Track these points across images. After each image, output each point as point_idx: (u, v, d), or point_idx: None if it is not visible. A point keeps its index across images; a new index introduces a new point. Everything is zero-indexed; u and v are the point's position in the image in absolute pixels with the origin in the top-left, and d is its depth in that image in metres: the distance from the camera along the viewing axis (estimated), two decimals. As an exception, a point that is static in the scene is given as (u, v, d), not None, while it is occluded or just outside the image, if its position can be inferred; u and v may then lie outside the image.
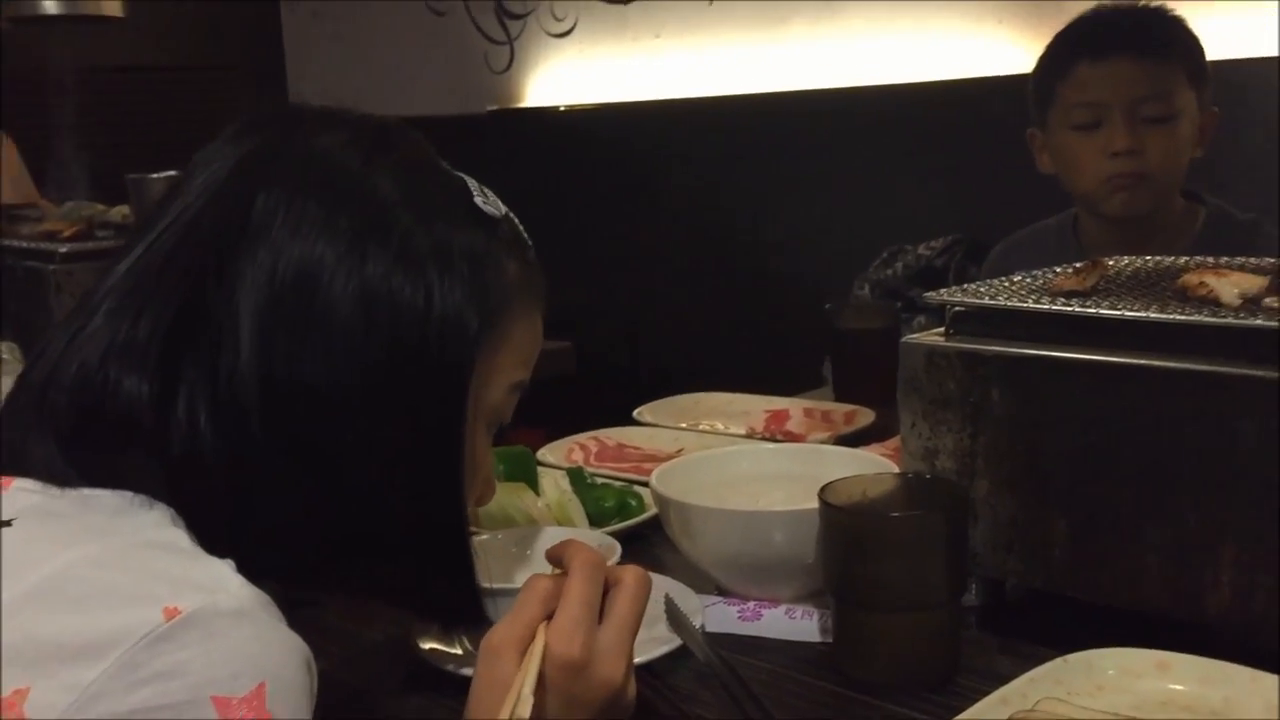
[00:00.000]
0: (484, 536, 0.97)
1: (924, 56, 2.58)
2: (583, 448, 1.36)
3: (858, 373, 1.57)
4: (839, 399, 1.59)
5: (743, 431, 1.41)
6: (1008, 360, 0.86)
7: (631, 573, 0.74)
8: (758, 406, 1.50)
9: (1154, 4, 1.71)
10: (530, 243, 0.82)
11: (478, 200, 0.75)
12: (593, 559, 0.73)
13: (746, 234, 2.82)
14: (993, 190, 2.32)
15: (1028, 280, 0.98)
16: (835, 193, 2.65)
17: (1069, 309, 0.84)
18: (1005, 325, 0.88)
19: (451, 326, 0.70)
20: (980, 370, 0.87)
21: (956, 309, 0.91)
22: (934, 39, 2.57)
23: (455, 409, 0.71)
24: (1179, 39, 1.67)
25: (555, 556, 0.76)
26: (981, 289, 0.94)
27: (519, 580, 0.76)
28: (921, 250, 2.30)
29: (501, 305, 0.74)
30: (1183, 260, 1.06)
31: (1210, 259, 1.04)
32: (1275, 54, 2.12)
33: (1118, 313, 0.82)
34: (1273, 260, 1.02)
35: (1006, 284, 0.96)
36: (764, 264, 2.79)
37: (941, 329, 0.93)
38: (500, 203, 0.78)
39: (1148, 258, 1.08)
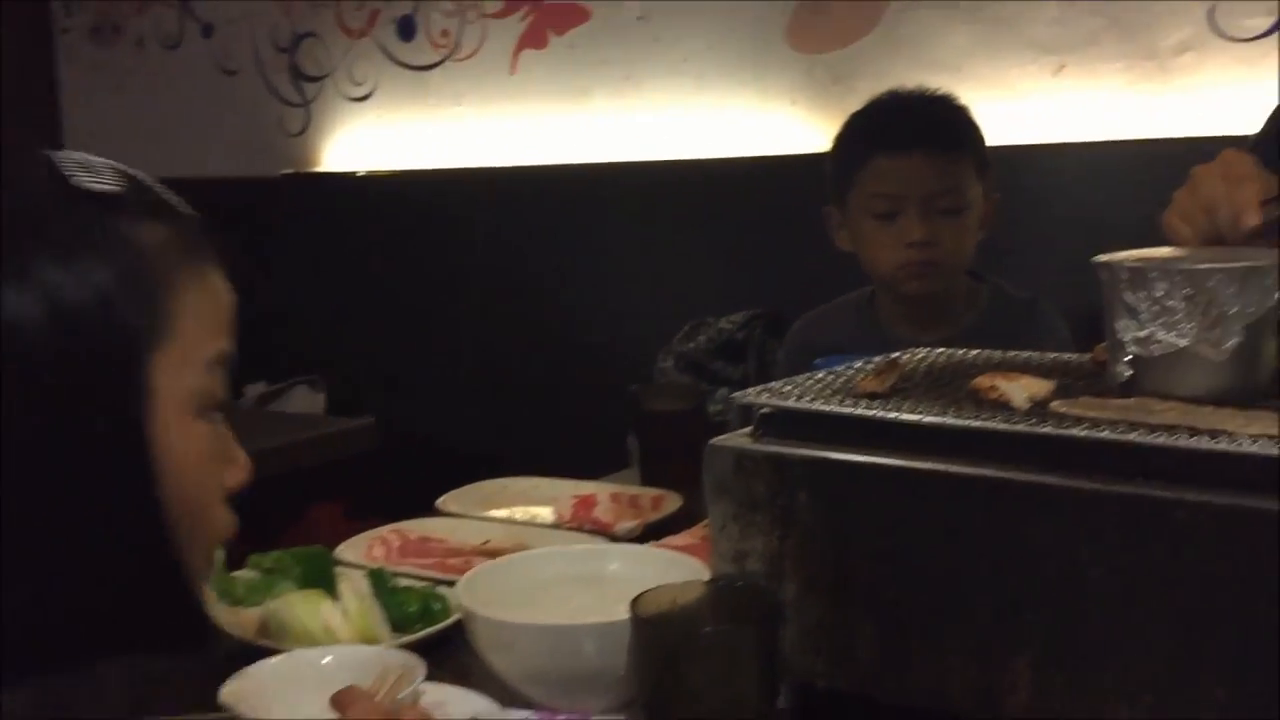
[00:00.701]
0: (276, 659, 0.91)
1: (723, 132, 2.64)
2: (384, 542, 1.30)
3: (663, 454, 1.58)
4: (645, 481, 1.59)
5: (550, 520, 1.39)
6: (813, 464, 0.86)
7: None
8: (565, 491, 1.48)
9: (940, 92, 1.80)
10: (178, 201, 0.72)
11: (81, 179, 0.67)
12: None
13: (551, 306, 2.81)
14: (791, 265, 2.39)
15: (833, 378, 0.99)
16: (639, 265, 2.67)
17: (870, 413, 0.86)
18: (811, 428, 0.89)
19: (89, 324, 0.62)
20: (787, 474, 0.87)
21: (764, 410, 0.91)
22: (732, 116, 2.63)
23: (126, 410, 0.64)
24: (967, 132, 1.76)
25: (339, 704, 0.71)
26: (788, 388, 0.95)
27: (308, 708, 0.71)
28: (723, 324, 2.34)
29: (150, 279, 0.66)
30: (972, 354, 1.09)
31: (999, 353, 1.08)
32: (1050, 140, 2.26)
33: (916, 418, 0.84)
34: (1055, 355, 1.07)
35: (813, 383, 0.97)
36: (569, 336, 2.78)
37: (749, 429, 0.93)
38: (118, 174, 0.69)
39: (941, 350, 1.11)
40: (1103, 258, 0.90)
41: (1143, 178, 2.12)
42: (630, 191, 2.69)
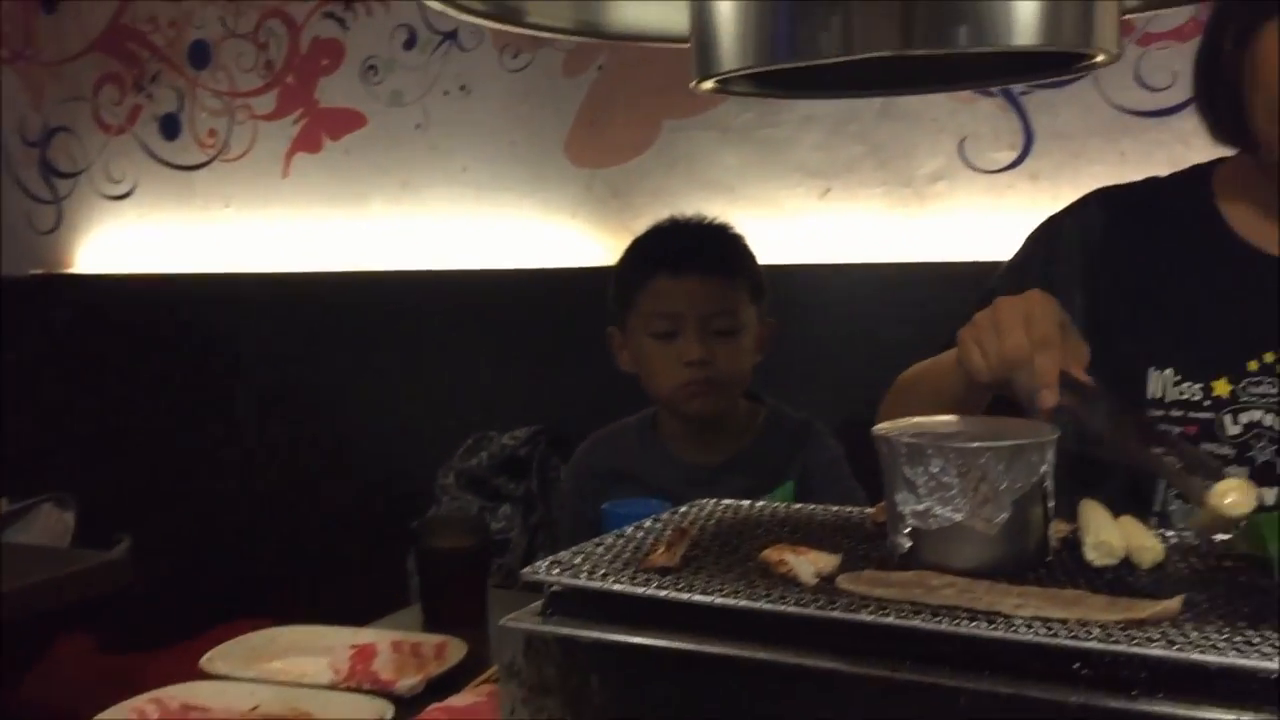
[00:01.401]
0: None
1: (504, 244, 2.64)
2: (140, 714, 1.20)
3: (447, 594, 1.53)
4: (428, 620, 1.53)
5: (326, 678, 1.31)
6: (604, 647, 0.84)
7: None
8: (341, 641, 1.40)
9: (717, 221, 1.86)
10: None
11: None
12: None
13: (324, 423, 2.72)
14: (574, 380, 2.39)
15: (623, 544, 0.98)
16: (419, 379, 2.62)
17: (661, 594, 0.85)
18: (602, 606, 0.87)
19: None
20: (578, 657, 0.85)
21: (554, 589, 0.89)
22: (513, 227, 2.64)
23: None
24: (742, 258, 1.82)
25: None
26: (578, 560, 0.93)
27: None
28: (505, 439, 2.31)
29: None
30: (759, 508, 1.10)
31: (784, 507, 1.09)
32: (819, 260, 2.36)
33: (707, 599, 0.83)
34: (838, 511, 1.09)
35: (603, 552, 0.95)
36: (343, 454, 2.69)
37: (539, 606, 0.90)
38: None
39: (728, 505, 1.12)
40: (880, 430, 0.92)
41: (903, 299, 2.25)
42: (410, 302, 2.65)
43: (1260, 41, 1.26)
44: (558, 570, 0.91)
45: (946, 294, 2.18)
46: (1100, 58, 0.78)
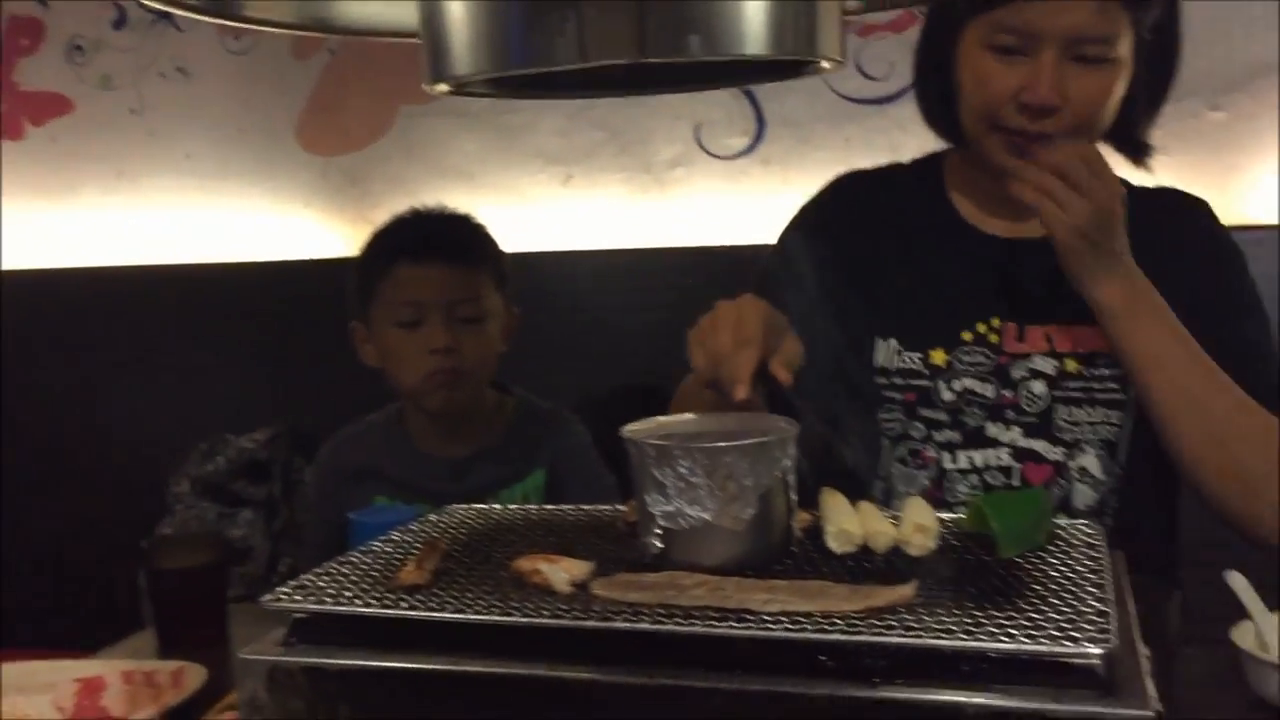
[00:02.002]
0: None
1: (233, 235, 2.51)
2: None
3: (182, 616, 1.44)
4: (163, 646, 1.44)
5: (50, 718, 1.21)
6: (354, 674, 0.81)
7: None
8: (66, 675, 1.29)
9: (461, 211, 1.82)
10: None
11: None
12: None
13: (38, 430, 2.51)
14: (315, 378, 2.30)
15: (370, 560, 0.94)
16: (143, 381, 2.45)
17: (413, 614, 0.82)
18: (350, 631, 0.83)
19: None
20: (326, 686, 0.82)
21: (297, 615, 0.85)
22: (243, 218, 2.51)
23: None
24: (485, 246, 1.79)
25: None
26: (323, 581, 0.89)
27: None
28: (243, 442, 2.21)
29: None
30: (511, 511, 1.09)
31: (534, 509, 1.09)
32: (563, 248, 2.36)
33: (460, 617, 0.81)
34: (590, 509, 1.09)
35: (349, 571, 0.91)
36: (64, 462, 2.50)
37: (282, 634, 0.86)
38: None
39: (478, 509, 1.10)
40: (629, 431, 0.92)
41: (647, 284, 2.28)
42: (130, 299, 2.48)
43: (962, 45, 1.35)
44: (301, 595, 0.87)
45: (688, 278, 2.24)
46: (825, 64, 0.80)
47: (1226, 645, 1.13)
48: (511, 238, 2.28)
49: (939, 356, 1.40)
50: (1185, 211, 1.46)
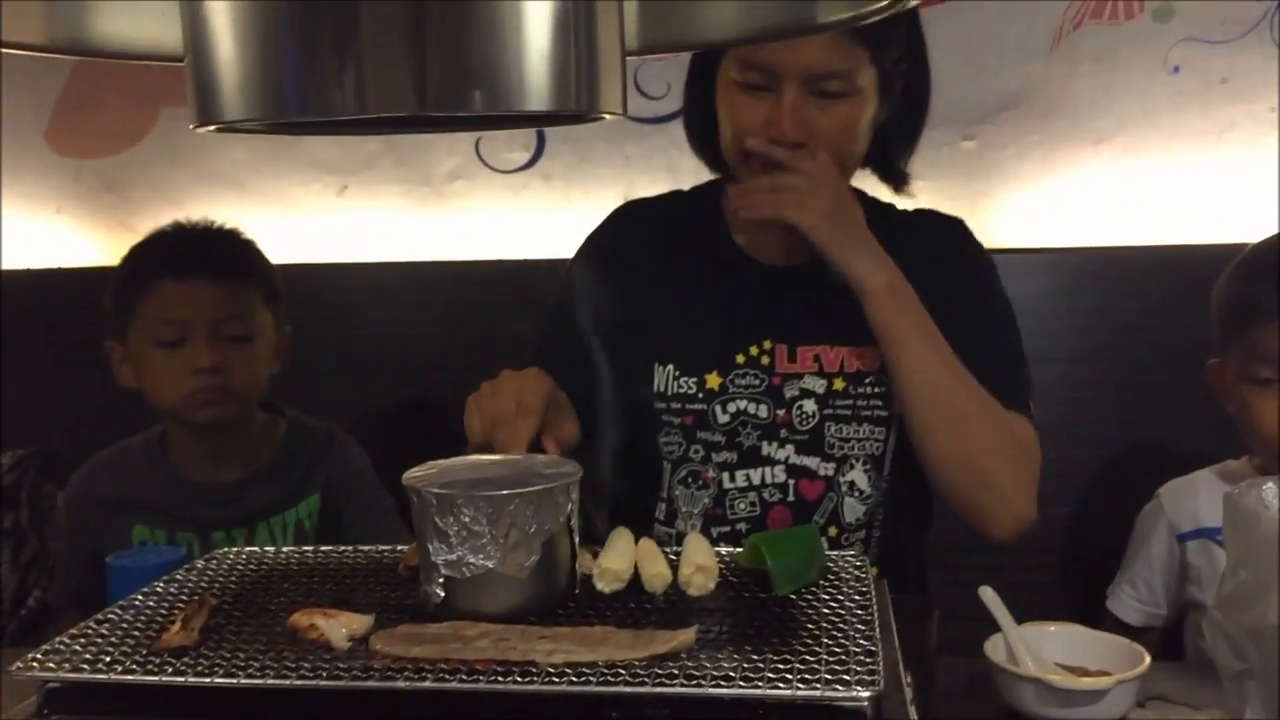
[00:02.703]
0: None
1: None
2: None
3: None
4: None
5: None
6: (115, 747, 0.77)
7: None
8: None
9: (228, 226, 1.74)
10: None
11: None
12: None
13: None
14: (66, 398, 2.16)
15: (132, 618, 0.89)
16: None
17: (180, 680, 0.78)
18: (111, 700, 0.79)
19: None
20: (85, 760, 0.77)
21: (51, 685, 0.79)
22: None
23: None
24: (254, 263, 1.72)
25: None
26: (79, 645, 0.84)
27: None
28: (-14, 466, 2.05)
29: None
30: (284, 554, 1.05)
31: (310, 551, 1.05)
32: (338, 259, 2.29)
33: (231, 681, 0.78)
34: (368, 550, 1.06)
35: (111, 634, 0.86)
36: None
37: (34, 704, 0.80)
38: None
39: (249, 553, 1.06)
40: (410, 478, 0.91)
41: (426, 297, 2.24)
42: None
43: (719, 81, 1.40)
44: (55, 661, 0.81)
45: (468, 292, 2.22)
46: (607, 117, 0.81)
47: (979, 656, 1.20)
48: (284, 248, 2.21)
49: (714, 380, 1.44)
50: (942, 228, 1.55)
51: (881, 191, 1.56)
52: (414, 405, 2.20)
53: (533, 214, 2.28)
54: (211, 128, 0.76)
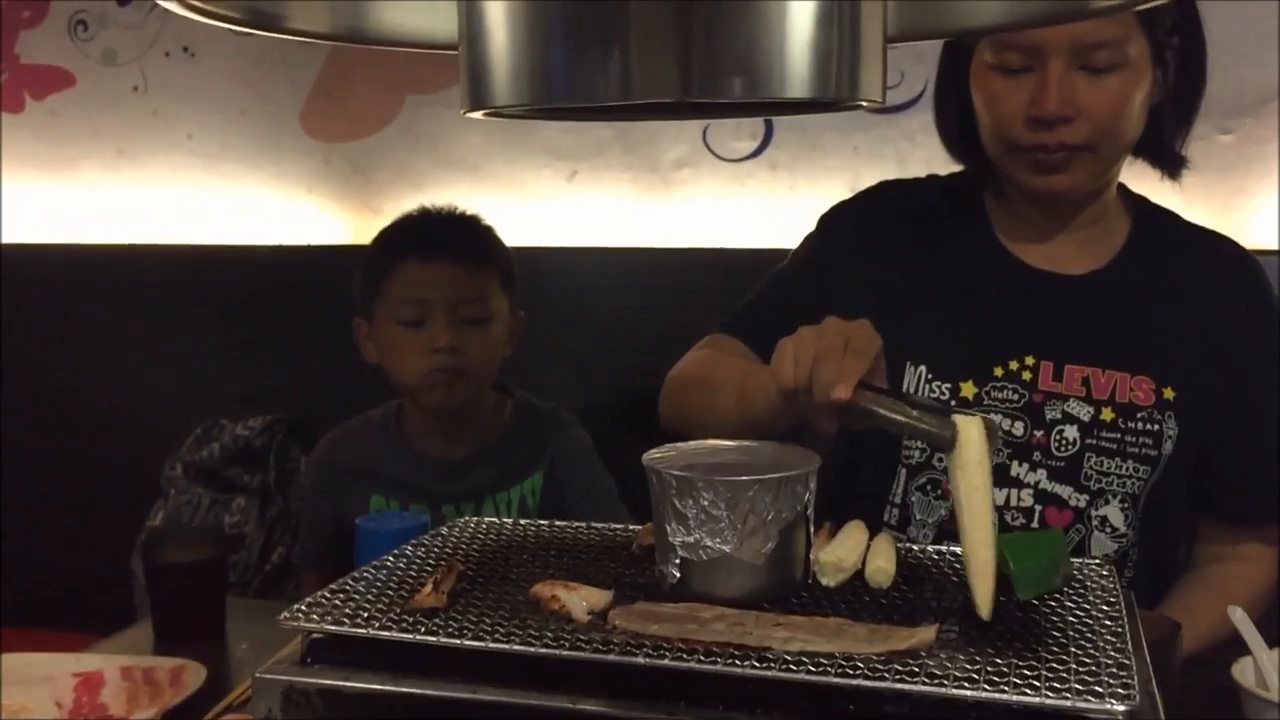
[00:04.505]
0: None
1: (234, 218, 2.49)
2: None
3: (181, 611, 1.43)
4: (160, 640, 1.44)
5: (50, 714, 1.20)
6: (372, 698, 0.81)
7: None
8: (64, 668, 1.29)
9: (468, 212, 1.81)
10: None
11: None
12: None
13: (31, 408, 2.50)
14: (312, 367, 2.29)
15: (385, 577, 0.94)
16: (140, 362, 2.44)
17: (432, 639, 0.82)
18: (368, 653, 0.83)
19: None
20: (342, 708, 0.81)
21: (315, 635, 0.84)
22: (245, 201, 2.49)
23: None
24: (493, 247, 1.77)
25: None
26: (339, 600, 0.89)
27: None
28: (239, 429, 2.20)
29: None
30: (531, 530, 1.09)
31: (548, 524, 1.08)
32: (565, 244, 2.35)
33: (480, 644, 0.81)
34: (603, 528, 1.08)
35: (367, 591, 0.91)
36: (58, 442, 2.48)
37: (298, 652, 0.86)
38: None
39: (489, 521, 1.10)
40: (651, 459, 0.92)
41: (649, 283, 2.27)
42: (129, 278, 2.46)
43: (974, 69, 1.34)
44: (317, 614, 0.86)
45: (691, 280, 2.24)
46: (865, 105, 0.80)
47: (1225, 677, 1.14)
48: (514, 232, 2.28)
49: (969, 389, 1.36)
50: (1243, 267, 1.44)
51: (1148, 183, 1.46)
52: (636, 389, 2.23)
53: (758, 203, 2.29)
54: (481, 113, 0.79)
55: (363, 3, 0.95)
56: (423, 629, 0.83)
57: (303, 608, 0.87)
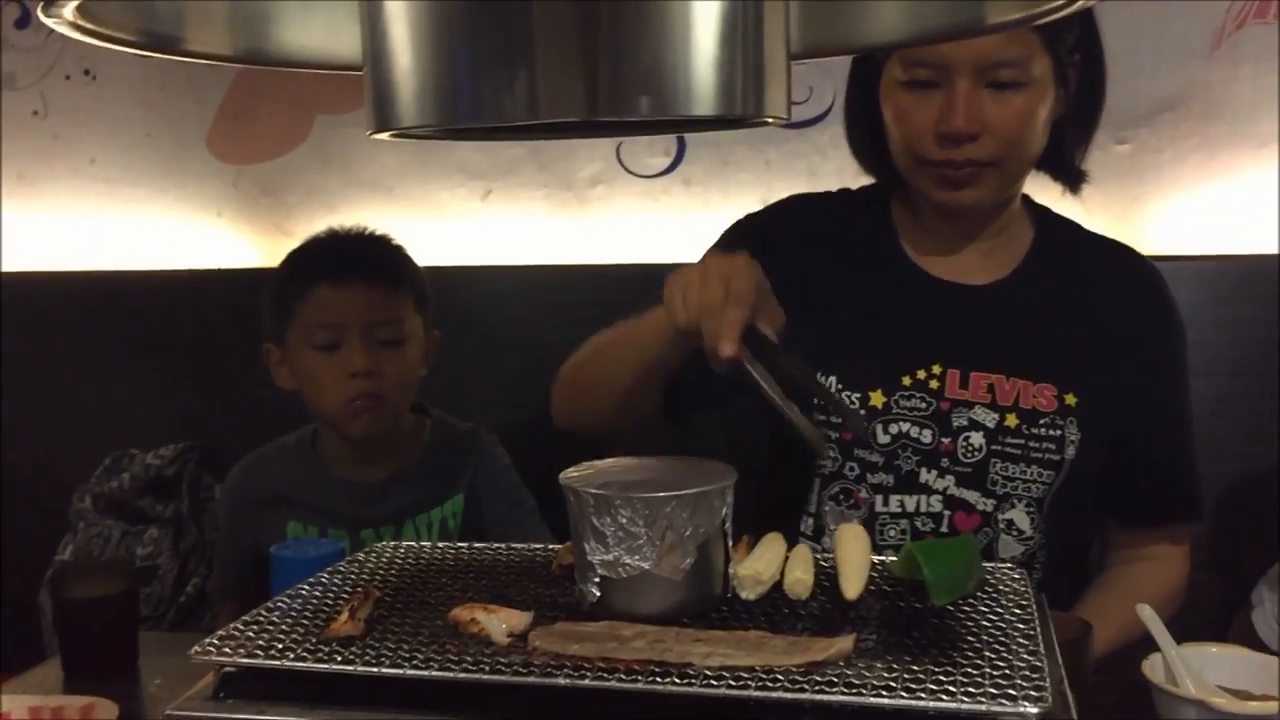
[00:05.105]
0: None
1: (140, 243, 2.44)
2: None
3: (91, 647, 1.39)
4: (70, 679, 1.39)
5: (-49, 761, 1.16)
6: (287, 731, 0.80)
7: None
8: (-33, 712, 1.25)
9: (380, 232, 1.78)
10: None
11: None
12: None
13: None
14: (225, 393, 2.25)
15: (300, 606, 0.92)
16: (45, 392, 2.37)
17: (348, 669, 0.81)
18: (283, 686, 0.82)
19: None
20: (259, 743, 0.80)
21: (227, 669, 0.83)
22: (150, 225, 2.44)
23: None
24: (406, 268, 1.76)
25: None
26: (252, 632, 0.87)
27: None
28: (150, 458, 2.14)
29: None
30: (440, 549, 1.08)
31: (466, 546, 1.07)
32: (482, 263, 2.33)
33: (398, 671, 0.80)
34: (522, 548, 1.08)
35: (281, 621, 0.89)
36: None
37: (210, 687, 0.84)
38: None
39: (407, 548, 1.08)
40: (569, 478, 0.92)
41: (566, 300, 2.26)
42: (31, 306, 2.39)
43: (883, 84, 1.37)
44: (230, 646, 0.85)
45: (607, 296, 2.23)
46: (771, 121, 0.81)
47: (1137, 675, 1.17)
48: (429, 252, 2.26)
49: (878, 398, 1.38)
50: (1143, 274, 1.48)
51: (1051, 195, 1.50)
52: (554, 407, 2.23)
53: (672, 218, 2.29)
54: (387, 134, 0.79)
55: (264, 24, 0.94)
56: (339, 658, 0.82)
57: (214, 641, 0.85)
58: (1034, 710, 0.71)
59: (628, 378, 1.37)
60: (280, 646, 0.84)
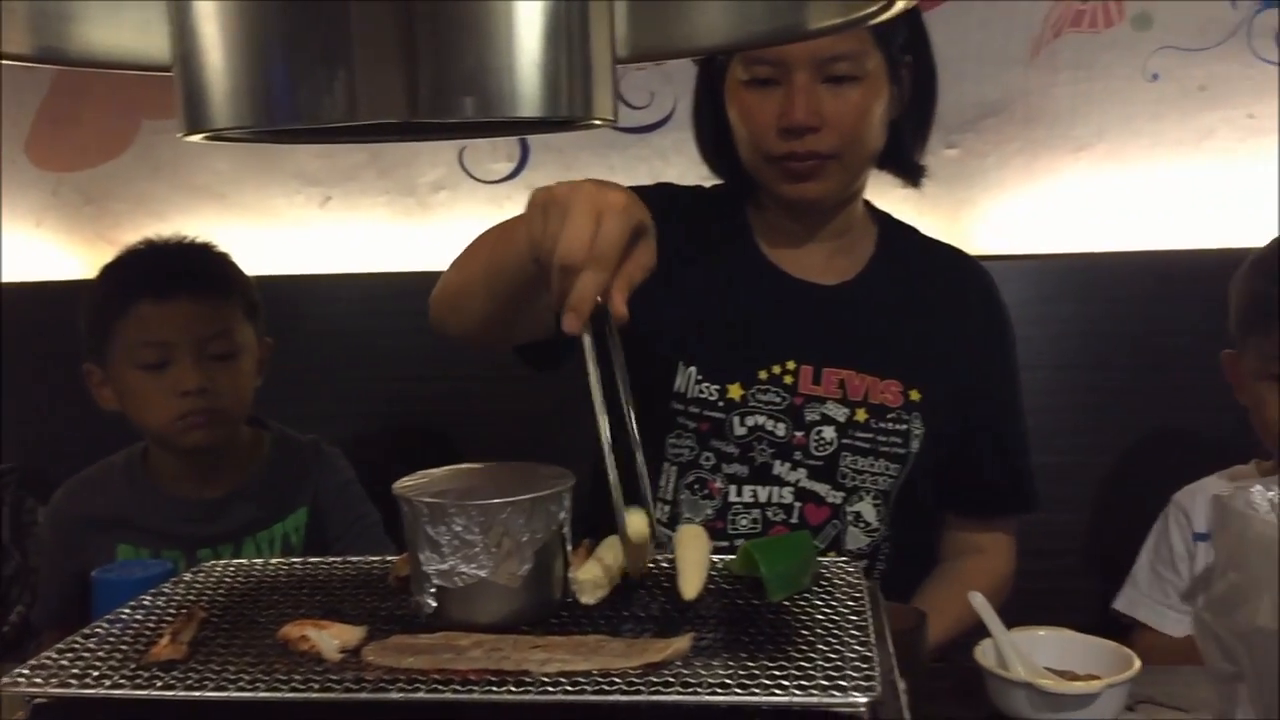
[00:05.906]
0: None
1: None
2: None
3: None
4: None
5: None
6: (105, 763, 0.76)
7: None
8: None
9: (200, 240, 1.71)
10: None
11: None
12: None
13: None
14: (48, 410, 2.14)
15: (120, 631, 0.88)
16: None
17: (170, 694, 0.77)
18: (101, 716, 0.78)
19: None
20: (72, 777, 0.76)
21: (38, 701, 0.78)
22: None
23: None
24: (233, 277, 1.70)
25: None
26: (66, 660, 0.83)
27: None
28: (-34, 482, 2.03)
29: None
30: (282, 571, 1.04)
31: (299, 563, 1.04)
32: (322, 271, 2.28)
33: (221, 694, 0.77)
34: (359, 562, 1.05)
35: (99, 648, 0.85)
36: None
37: (24, 718, 0.79)
38: None
39: (237, 565, 1.05)
40: (402, 487, 0.90)
41: (410, 308, 2.22)
42: None
43: (727, 85, 1.40)
44: (42, 676, 0.80)
45: (452, 303, 2.21)
46: (598, 123, 0.81)
47: (970, 660, 1.20)
48: (266, 260, 2.20)
49: (735, 391, 1.41)
50: (974, 277, 1.55)
51: (890, 199, 1.56)
52: (398, 416, 2.19)
53: (517, 224, 2.28)
54: (199, 136, 0.76)
55: (67, 23, 0.90)
56: (160, 683, 0.78)
57: (25, 671, 0.81)
58: (863, 700, 0.72)
59: (491, 283, 1.22)
60: (96, 674, 0.80)
